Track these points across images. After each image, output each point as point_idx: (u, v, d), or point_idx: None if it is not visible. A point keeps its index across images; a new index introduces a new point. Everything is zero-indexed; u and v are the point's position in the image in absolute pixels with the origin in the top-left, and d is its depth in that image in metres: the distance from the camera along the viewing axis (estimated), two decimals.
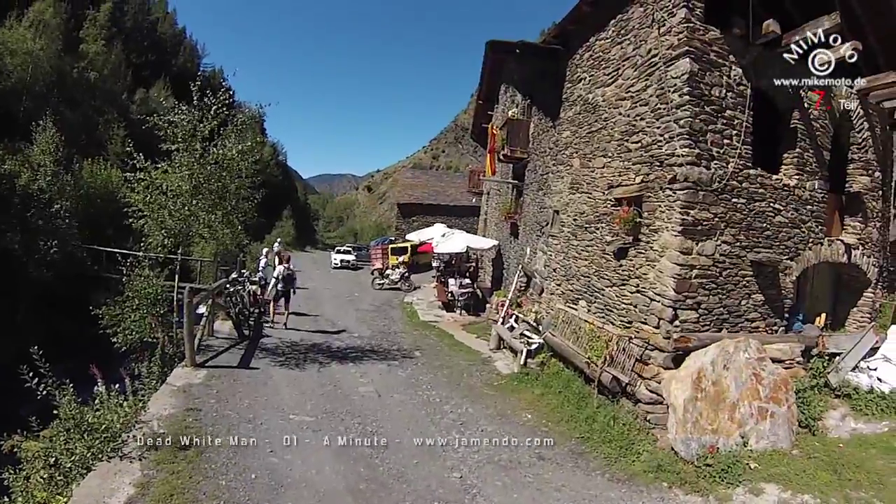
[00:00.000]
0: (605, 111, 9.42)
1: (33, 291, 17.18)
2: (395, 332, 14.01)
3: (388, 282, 22.56)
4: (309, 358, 10.63)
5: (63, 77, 30.03)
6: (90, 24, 38.11)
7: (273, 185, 56.68)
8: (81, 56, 34.44)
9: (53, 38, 30.62)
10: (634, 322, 8.01)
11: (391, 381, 9.53)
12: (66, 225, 19.35)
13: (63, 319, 16.74)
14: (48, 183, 20.01)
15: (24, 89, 26.81)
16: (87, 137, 29.04)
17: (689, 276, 7.36)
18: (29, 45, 28.41)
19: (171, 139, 9.44)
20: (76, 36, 35.83)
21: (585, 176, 9.98)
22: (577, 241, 10.15)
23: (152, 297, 9.78)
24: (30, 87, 27.43)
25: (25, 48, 28.12)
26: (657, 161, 7.76)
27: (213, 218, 9.81)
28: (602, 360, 7.92)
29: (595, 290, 9.27)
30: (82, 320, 10.90)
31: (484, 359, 11.48)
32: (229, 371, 9.35)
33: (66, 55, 31.58)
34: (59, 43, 30.90)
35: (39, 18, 30.88)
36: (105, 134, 30.65)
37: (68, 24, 34.40)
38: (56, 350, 11.16)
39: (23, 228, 17.70)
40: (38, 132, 22.93)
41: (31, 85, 27.65)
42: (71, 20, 35.28)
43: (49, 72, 29.04)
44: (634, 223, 8.00)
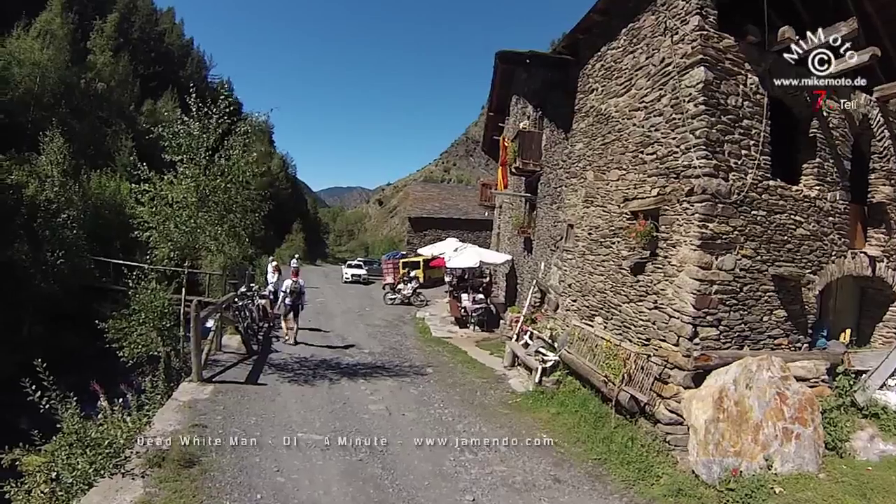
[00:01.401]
0: (618, 122, 9.27)
1: (39, 303, 17.12)
2: (407, 348, 13.82)
3: (400, 297, 22.35)
4: (318, 374, 10.48)
5: (70, 88, 30.11)
6: (97, 35, 38.53)
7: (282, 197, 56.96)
8: (89, 67, 34.62)
9: (61, 49, 30.66)
10: (653, 339, 7.77)
11: (402, 399, 9.33)
12: (72, 236, 19.31)
13: (69, 331, 16.71)
14: (55, 193, 19.99)
15: (31, 100, 26.81)
16: (94, 149, 29.07)
17: (708, 292, 7.12)
18: (36, 55, 28.45)
19: (175, 150, 9.40)
20: (83, 47, 36.08)
21: (600, 189, 9.80)
22: (592, 255, 9.95)
23: (159, 311, 9.72)
24: (37, 97, 27.41)
25: (33, 59, 28.16)
26: (673, 173, 7.57)
27: (220, 231, 9.72)
28: (620, 378, 7.68)
29: (611, 307, 9.04)
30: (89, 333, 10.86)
31: (498, 376, 11.24)
32: (236, 387, 9.23)
33: (73, 66, 31.65)
34: (66, 53, 31.00)
35: (47, 29, 30.96)
36: (113, 145, 30.67)
37: (76, 34, 34.54)
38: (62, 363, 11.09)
39: (29, 239, 17.68)
40: (46, 143, 22.92)
41: (39, 95, 27.64)
42: (78, 31, 35.48)
43: (56, 82, 29.05)
44: (651, 237, 7.80)
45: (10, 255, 16.73)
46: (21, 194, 18.48)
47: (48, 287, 17.51)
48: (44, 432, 6.26)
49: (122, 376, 10.47)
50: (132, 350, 9.63)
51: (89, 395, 7.26)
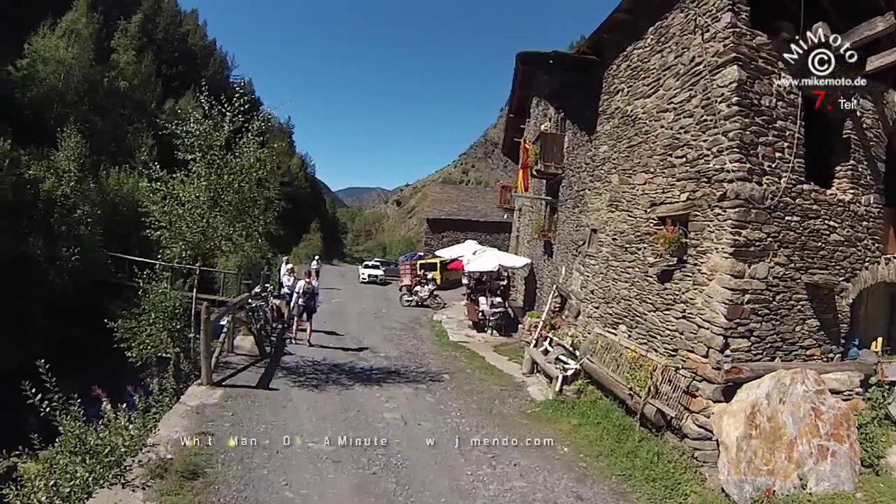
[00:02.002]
0: (645, 124, 8.93)
1: (53, 298, 17.09)
2: (424, 353, 13.59)
3: (417, 299, 22.15)
4: (331, 379, 10.29)
5: (94, 86, 30.51)
6: (121, 35, 38.99)
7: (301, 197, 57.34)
8: (112, 66, 35.10)
9: (85, 48, 31.07)
10: (680, 350, 7.43)
11: (418, 407, 9.10)
12: (87, 232, 19.31)
13: (83, 328, 16.63)
14: (71, 189, 19.99)
15: (55, 97, 27.22)
16: (116, 146, 29.37)
17: (740, 302, 6.76)
18: (61, 53, 28.94)
19: (188, 149, 9.29)
20: (107, 46, 36.56)
21: (625, 193, 9.46)
22: (616, 261, 9.61)
23: (169, 311, 9.60)
24: (61, 94, 27.84)
25: (58, 57, 28.67)
26: (704, 177, 7.22)
27: (233, 230, 9.57)
28: (646, 390, 7.35)
29: (636, 315, 8.70)
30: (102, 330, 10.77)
31: (516, 384, 10.96)
32: (247, 391, 9.06)
33: (97, 64, 32.11)
34: (90, 52, 31.41)
35: (72, 28, 31.33)
36: (134, 143, 30.98)
37: (100, 34, 35.03)
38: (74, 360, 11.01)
39: (45, 234, 17.65)
40: (63, 138, 23.06)
41: (63, 93, 28.06)
42: (103, 30, 35.98)
43: (80, 80, 29.50)
44: (680, 244, 7.45)
45: (26, 250, 16.70)
46: (38, 189, 18.47)
47: (62, 282, 17.45)
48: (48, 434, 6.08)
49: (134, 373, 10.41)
50: (141, 350, 9.51)
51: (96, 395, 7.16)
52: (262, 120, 9.86)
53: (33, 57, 28.15)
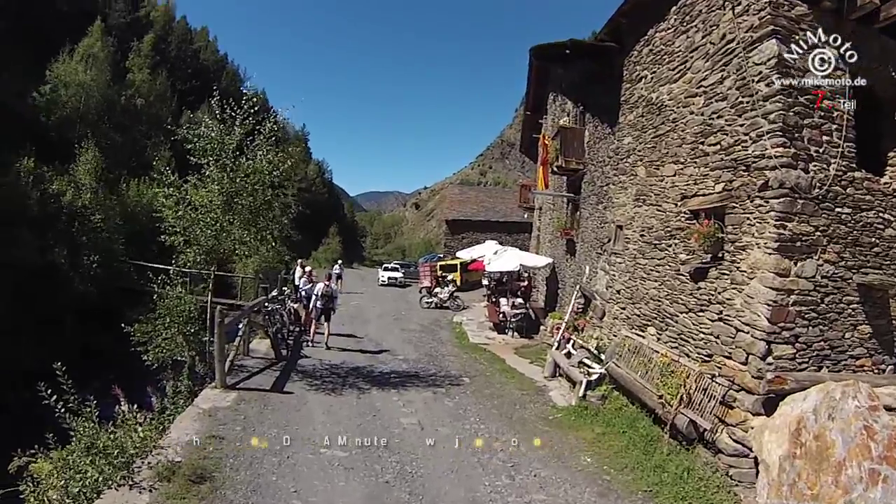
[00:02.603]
0: (672, 111, 8.37)
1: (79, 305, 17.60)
2: (443, 356, 13.20)
3: (437, 300, 21.91)
4: (348, 383, 9.96)
5: (112, 105, 32.08)
6: (135, 55, 40.22)
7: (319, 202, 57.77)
8: (128, 85, 36.52)
9: (102, 70, 32.60)
10: (715, 356, 6.85)
11: (436, 412, 8.69)
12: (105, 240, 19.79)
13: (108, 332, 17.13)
14: (89, 200, 20.71)
15: (77, 118, 28.72)
16: (136, 160, 30.77)
17: (786, 303, 6.15)
18: (81, 77, 30.65)
19: (200, 153, 9.18)
20: (123, 67, 37.95)
21: (653, 186, 8.89)
22: (644, 259, 9.04)
23: (185, 315, 9.46)
24: (83, 115, 29.38)
25: (78, 80, 30.37)
26: (742, 165, 6.63)
27: (246, 234, 9.39)
28: (677, 399, 6.78)
29: (666, 316, 8.13)
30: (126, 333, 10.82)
31: (538, 388, 10.47)
32: (261, 395, 8.77)
33: (114, 84, 33.62)
34: (107, 73, 32.91)
35: (89, 52, 32.89)
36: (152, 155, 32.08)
37: (115, 55, 36.40)
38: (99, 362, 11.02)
39: (69, 244, 18.29)
40: (81, 153, 24.07)
41: (84, 113, 29.63)
42: (118, 52, 37.34)
43: (99, 100, 31.15)
44: (716, 239, 6.86)
45: (52, 259, 17.20)
46: (61, 202, 19.11)
47: (84, 289, 17.89)
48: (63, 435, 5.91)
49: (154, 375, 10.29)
50: (157, 354, 9.40)
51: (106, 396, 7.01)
52: (273, 122, 9.65)
53: (55, 82, 29.77)
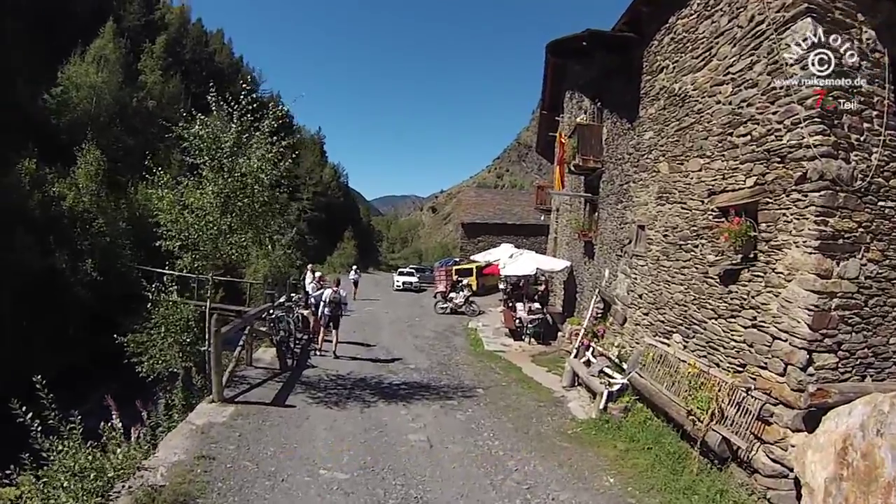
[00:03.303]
0: (697, 101, 7.77)
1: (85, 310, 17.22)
2: (457, 364, 12.68)
3: (452, 305, 21.44)
4: (354, 395, 9.50)
5: (124, 107, 31.54)
6: (147, 57, 39.93)
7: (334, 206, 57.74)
8: (140, 87, 36.14)
9: (114, 72, 32.10)
10: (749, 366, 6.23)
11: (447, 427, 8.18)
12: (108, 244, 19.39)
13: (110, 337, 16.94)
14: (90, 203, 20.30)
15: (88, 120, 28.11)
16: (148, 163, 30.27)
17: (828, 308, 5.52)
18: (92, 79, 30.16)
19: (195, 152, 8.72)
20: (136, 69, 37.58)
21: (677, 182, 8.28)
22: (668, 261, 8.42)
23: (181, 324, 9.06)
24: (93, 117, 28.85)
25: (89, 82, 29.91)
26: (776, 156, 6.02)
27: (244, 238, 8.91)
28: (708, 414, 6.18)
29: (694, 323, 7.50)
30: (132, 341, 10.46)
31: (556, 399, 9.91)
32: (260, 409, 8.34)
33: (126, 87, 33.13)
34: (119, 75, 32.43)
35: (100, 54, 32.44)
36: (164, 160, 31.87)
37: (128, 57, 35.98)
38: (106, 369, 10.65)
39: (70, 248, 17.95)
40: (82, 155, 23.35)
41: (95, 116, 29.11)
42: (130, 54, 36.93)
43: (111, 103, 30.65)
44: (748, 238, 6.24)
45: (53, 263, 16.93)
46: (61, 206, 18.84)
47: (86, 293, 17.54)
48: None
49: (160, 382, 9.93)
50: (151, 365, 9.00)
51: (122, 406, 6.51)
52: (272, 116, 9.15)
53: (66, 84, 29.42)
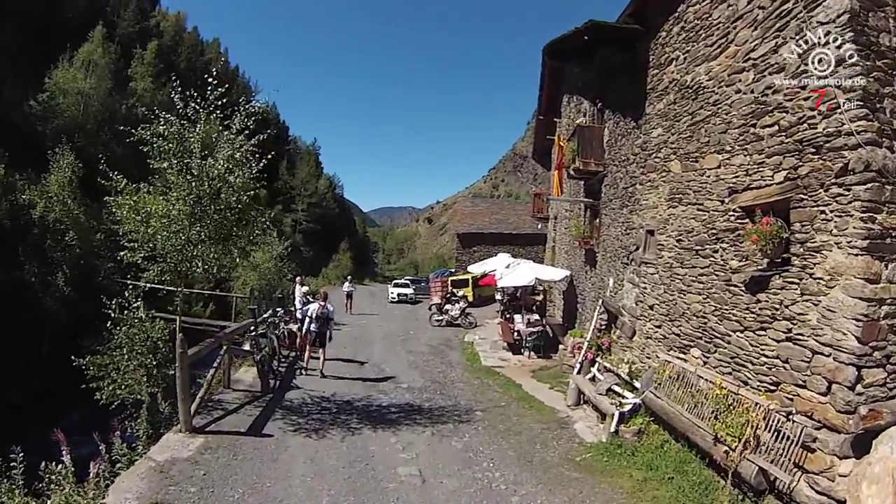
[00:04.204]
0: (713, 93, 7.08)
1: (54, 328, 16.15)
2: (452, 382, 11.86)
3: (448, 318, 20.67)
4: (339, 421, 8.65)
5: (113, 114, 30.53)
6: (138, 63, 39.11)
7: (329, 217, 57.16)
8: (131, 93, 35.17)
9: (103, 77, 31.22)
10: (784, 384, 5.46)
11: (442, 457, 7.36)
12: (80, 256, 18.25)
13: None
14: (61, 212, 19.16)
15: (75, 128, 27.28)
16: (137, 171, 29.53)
17: (877, 317, 4.78)
18: (80, 84, 29.31)
19: (161, 156, 7.80)
20: (126, 75, 36.70)
21: (691, 182, 7.56)
22: (683, 268, 7.67)
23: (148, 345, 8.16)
24: (81, 124, 27.97)
25: (77, 88, 29.05)
26: (810, 147, 5.30)
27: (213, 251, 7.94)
28: (741, 443, 5.40)
29: (715, 336, 6.73)
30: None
31: (561, 419, 9.10)
32: (233, 440, 7.47)
33: (116, 93, 32.19)
34: (108, 81, 31.56)
35: (89, 59, 31.57)
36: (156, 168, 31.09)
37: (119, 63, 35.20)
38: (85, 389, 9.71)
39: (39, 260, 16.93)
40: (55, 161, 22.10)
41: (83, 123, 28.21)
42: (121, 60, 36.10)
43: (100, 110, 29.74)
44: (779, 239, 5.51)
45: (21, 277, 15.87)
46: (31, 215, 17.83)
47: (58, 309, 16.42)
48: None
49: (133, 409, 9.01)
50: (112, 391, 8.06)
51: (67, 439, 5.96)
52: (245, 114, 8.28)
53: (53, 90, 28.51)
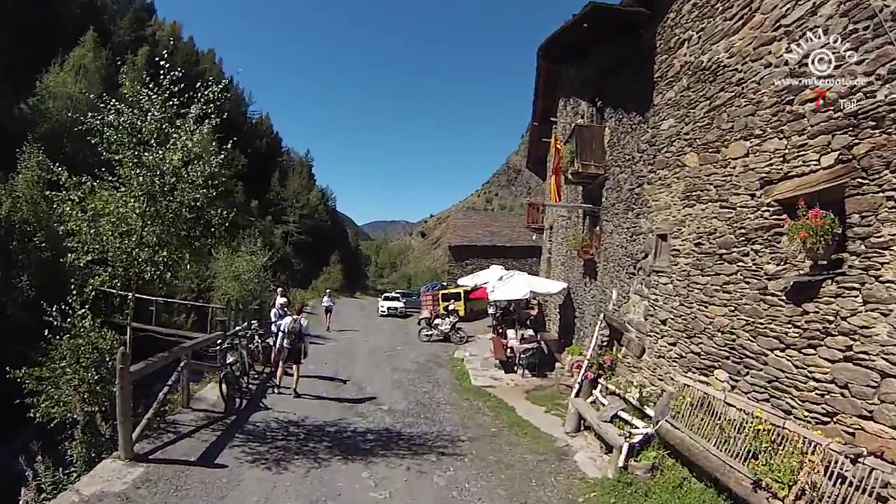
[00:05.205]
0: (735, 71, 6.14)
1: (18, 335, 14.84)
2: (439, 404, 10.73)
3: (437, 332, 19.63)
4: (306, 449, 7.51)
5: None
6: (129, 68, 38.53)
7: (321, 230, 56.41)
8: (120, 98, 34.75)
9: (93, 82, 30.90)
10: (841, 415, 4.41)
11: (421, 496, 6.28)
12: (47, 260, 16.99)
13: None
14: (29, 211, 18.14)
15: (64, 131, 26.53)
16: None
17: None
18: (70, 88, 29.17)
19: (112, 147, 6.97)
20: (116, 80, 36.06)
21: (711, 176, 6.55)
22: (704, 276, 6.61)
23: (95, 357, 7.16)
24: (70, 128, 26.75)
25: (66, 92, 28.90)
26: (869, 119, 4.30)
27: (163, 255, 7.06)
28: (790, 489, 4.32)
29: (747, 356, 5.66)
30: None
31: (559, 449, 8.00)
32: (178, 471, 6.35)
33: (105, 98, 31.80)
34: (98, 86, 30.69)
35: (80, 63, 31.50)
36: None
37: (110, 69, 34.65)
38: None
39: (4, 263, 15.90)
40: (23, 159, 21.02)
41: (72, 126, 27.50)
42: (112, 65, 35.31)
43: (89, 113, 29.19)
44: (832, 236, 4.49)
45: None
46: None
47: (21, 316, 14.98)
48: None
49: None
50: (48, 408, 7.09)
51: None
52: (205, 101, 7.40)
53: (43, 94, 28.26)
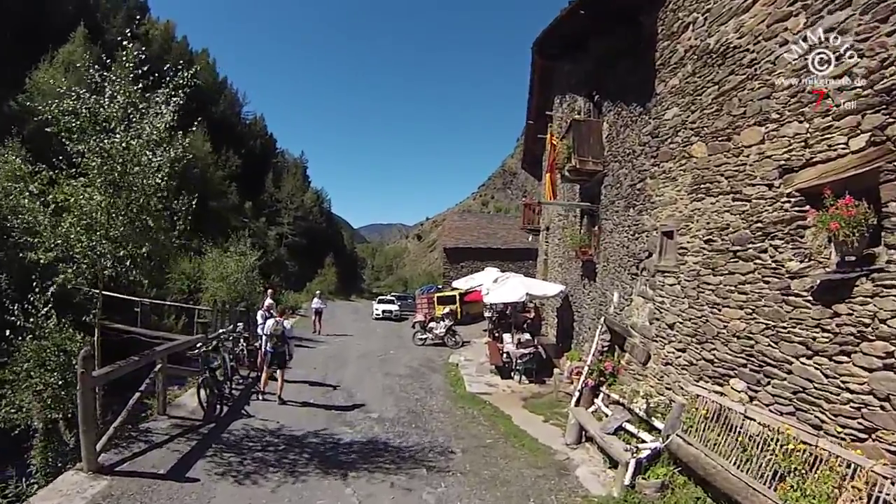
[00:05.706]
0: (747, 51, 5.64)
1: None
2: (431, 412, 10.18)
3: (432, 336, 19.17)
4: (285, 461, 6.95)
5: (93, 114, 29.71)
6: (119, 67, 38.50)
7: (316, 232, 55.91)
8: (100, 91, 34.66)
9: (82, 80, 30.19)
10: (882, 431, 3.90)
11: None
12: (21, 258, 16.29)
13: None
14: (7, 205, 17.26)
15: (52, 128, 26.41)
16: None
17: None
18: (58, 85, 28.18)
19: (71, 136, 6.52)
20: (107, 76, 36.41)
21: (722, 166, 6.04)
22: (716, 276, 6.08)
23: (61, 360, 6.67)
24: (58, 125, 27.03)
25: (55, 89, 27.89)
26: None
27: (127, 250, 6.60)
28: None
29: (767, 363, 5.13)
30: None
31: (559, 463, 7.46)
32: (144, 485, 5.81)
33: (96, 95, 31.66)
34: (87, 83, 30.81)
35: (69, 60, 30.53)
36: None
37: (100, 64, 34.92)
38: None
39: None
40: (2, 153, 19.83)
41: None
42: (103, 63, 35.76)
43: None
44: (867, 227, 3.98)
45: None
46: None
47: None
48: None
49: None
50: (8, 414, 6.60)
51: None
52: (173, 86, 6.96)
53: (32, 91, 27.52)
